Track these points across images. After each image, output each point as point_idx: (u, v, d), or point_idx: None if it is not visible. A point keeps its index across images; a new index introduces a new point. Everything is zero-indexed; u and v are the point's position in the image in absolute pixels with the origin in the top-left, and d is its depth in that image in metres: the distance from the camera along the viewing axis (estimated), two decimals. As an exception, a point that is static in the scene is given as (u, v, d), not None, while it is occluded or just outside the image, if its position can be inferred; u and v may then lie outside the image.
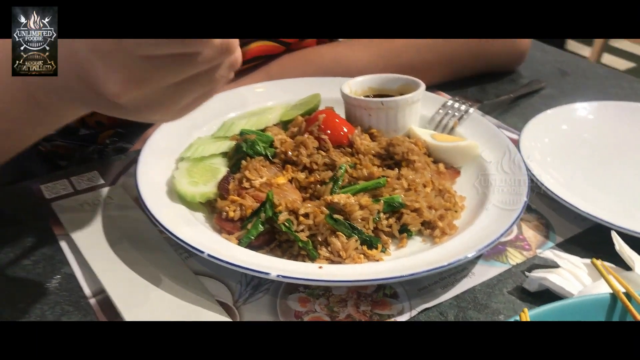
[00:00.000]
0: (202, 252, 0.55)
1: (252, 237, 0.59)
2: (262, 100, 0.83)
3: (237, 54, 0.46)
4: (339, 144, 0.71)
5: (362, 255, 0.59)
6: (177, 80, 0.44)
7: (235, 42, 0.45)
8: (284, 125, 0.79)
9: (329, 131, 0.71)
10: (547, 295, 0.57)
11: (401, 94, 0.77)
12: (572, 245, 0.65)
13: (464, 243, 0.60)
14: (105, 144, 0.89)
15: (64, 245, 0.62)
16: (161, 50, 0.41)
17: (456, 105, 0.81)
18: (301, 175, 0.67)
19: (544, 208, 0.70)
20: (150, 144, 0.71)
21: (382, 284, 0.58)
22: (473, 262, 0.62)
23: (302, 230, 0.60)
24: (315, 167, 0.68)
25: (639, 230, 0.62)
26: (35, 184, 0.71)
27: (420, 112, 0.78)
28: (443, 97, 0.85)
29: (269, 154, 0.70)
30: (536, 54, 1.11)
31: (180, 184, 0.65)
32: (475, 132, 0.77)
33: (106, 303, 0.55)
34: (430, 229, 0.64)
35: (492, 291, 0.59)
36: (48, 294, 0.56)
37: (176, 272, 0.59)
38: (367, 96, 0.79)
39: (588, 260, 0.58)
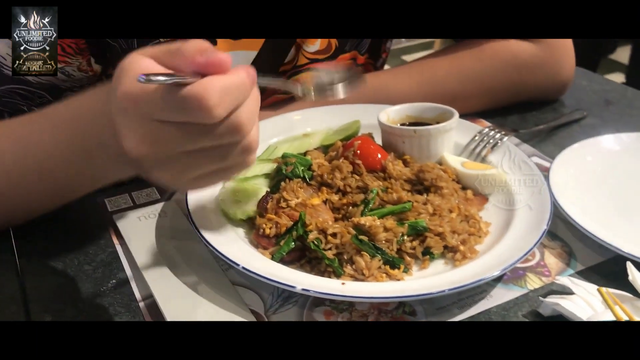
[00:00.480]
0: (238, 264, 0.61)
1: (284, 253, 0.65)
2: (305, 126, 0.89)
3: (251, 139, 0.50)
4: (372, 168, 0.76)
5: (384, 274, 0.64)
6: (188, 149, 0.49)
7: (247, 126, 0.49)
8: (325, 149, 0.85)
9: (364, 156, 0.77)
10: (560, 320, 0.60)
11: (438, 122, 0.82)
12: (592, 274, 0.67)
13: (483, 266, 0.64)
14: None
15: (120, 253, 0.70)
16: (170, 116, 0.46)
17: (491, 133, 0.85)
18: (335, 197, 0.72)
19: (569, 236, 0.73)
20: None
21: (402, 302, 0.63)
22: (492, 285, 0.65)
23: (330, 249, 0.65)
24: (348, 189, 0.73)
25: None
26: (101, 198, 0.80)
27: (453, 140, 0.82)
28: (479, 126, 0.88)
29: (306, 176, 0.76)
30: (582, 82, 1.12)
31: (224, 202, 0.72)
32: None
33: (153, 306, 0.62)
34: (452, 252, 0.68)
35: (507, 313, 0.62)
36: (104, 295, 0.64)
37: (216, 282, 0.65)
38: (404, 124, 0.84)
39: (603, 288, 0.61)
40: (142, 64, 0.48)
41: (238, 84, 0.48)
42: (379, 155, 0.77)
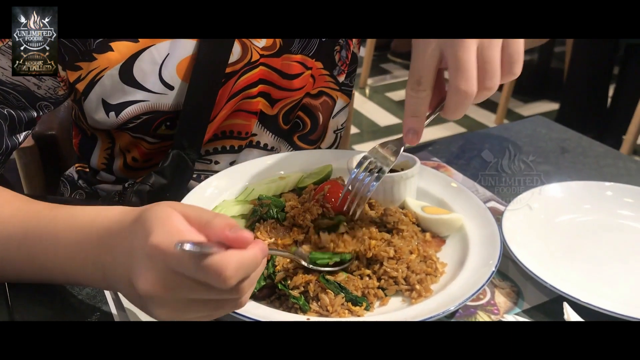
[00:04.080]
0: (212, 300, 0.67)
1: (255, 290, 0.71)
2: (281, 169, 0.96)
3: (245, 298, 0.58)
4: (340, 211, 0.83)
5: (346, 311, 0.70)
6: (194, 298, 0.56)
7: (248, 290, 0.57)
8: (299, 191, 0.91)
9: (333, 200, 0.83)
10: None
11: (402, 169, 0.89)
12: (537, 312, 0.74)
13: (436, 304, 0.70)
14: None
15: (105, 287, 0.76)
16: (190, 275, 0.53)
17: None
18: (302, 237, 0.79)
19: (518, 277, 0.79)
20: (183, 205, 0.84)
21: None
22: (445, 321, 0.72)
23: (297, 288, 0.71)
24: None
25: (596, 304, 0.70)
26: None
27: (415, 186, 0.89)
28: (442, 172, 0.95)
29: (279, 217, 0.82)
30: (541, 130, 1.20)
31: (202, 241, 0.78)
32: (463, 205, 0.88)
33: (133, 338, 0.68)
34: (410, 291, 0.74)
35: (457, 348, 0.68)
36: (88, 327, 0.69)
37: (192, 316, 0.71)
38: (371, 170, 0.91)
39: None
40: (175, 222, 0.55)
41: (252, 260, 0.55)
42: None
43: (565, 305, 0.69)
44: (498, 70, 0.67)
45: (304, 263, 0.73)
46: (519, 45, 0.68)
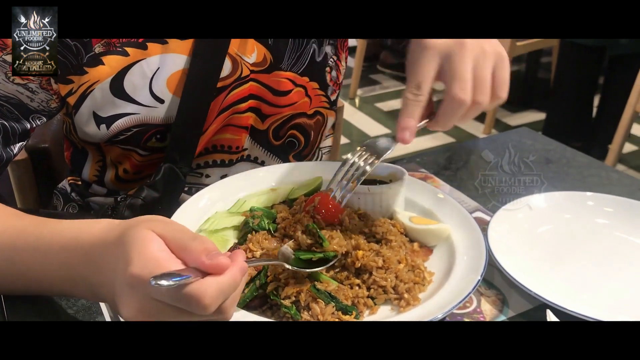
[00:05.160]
0: (206, 310, 0.69)
1: (248, 300, 0.73)
2: (272, 181, 0.98)
3: (228, 316, 0.58)
4: (330, 222, 0.85)
5: (337, 320, 0.72)
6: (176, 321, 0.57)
7: (230, 310, 0.58)
8: (290, 202, 0.93)
9: (323, 211, 0.85)
10: None
11: (390, 181, 0.91)
12: (521, 319, 0.76)
13: (424, 312, 0.73)
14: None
15: (100, 298, 0.77)
16: (171, 303, 0.54)
17: (356, 161, 0.83)
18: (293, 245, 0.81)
19: (503, 285, 0.82)
20: (175, 218, 0.86)
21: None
22: (432, 329, 0.74)
23: (289, 297, 0.73)
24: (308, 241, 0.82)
25: (577, 310, 0.72)
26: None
27: (403, 197, 0.92)
28: (429, 184, 0.98)
29: (271, 228, 0.84)
30: (527, 141, 1.23)
31: (195, 252, 0.80)
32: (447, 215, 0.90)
33: (128, 348, 0.70)
34: (398, 300, 0.76)
35: (444, 355, 0.70)
36: (84, 338, 0.71)
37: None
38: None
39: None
40: (153, 249, 0.56)
41: (231, 284, 0.56)
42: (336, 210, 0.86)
43: (548, 312, 0.71)
44: (489, 88, 0.71)
45: (287, 266, 0.74)
46: (506, 72, 0.73)
